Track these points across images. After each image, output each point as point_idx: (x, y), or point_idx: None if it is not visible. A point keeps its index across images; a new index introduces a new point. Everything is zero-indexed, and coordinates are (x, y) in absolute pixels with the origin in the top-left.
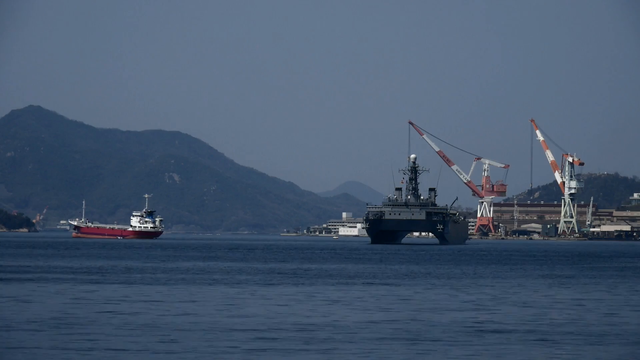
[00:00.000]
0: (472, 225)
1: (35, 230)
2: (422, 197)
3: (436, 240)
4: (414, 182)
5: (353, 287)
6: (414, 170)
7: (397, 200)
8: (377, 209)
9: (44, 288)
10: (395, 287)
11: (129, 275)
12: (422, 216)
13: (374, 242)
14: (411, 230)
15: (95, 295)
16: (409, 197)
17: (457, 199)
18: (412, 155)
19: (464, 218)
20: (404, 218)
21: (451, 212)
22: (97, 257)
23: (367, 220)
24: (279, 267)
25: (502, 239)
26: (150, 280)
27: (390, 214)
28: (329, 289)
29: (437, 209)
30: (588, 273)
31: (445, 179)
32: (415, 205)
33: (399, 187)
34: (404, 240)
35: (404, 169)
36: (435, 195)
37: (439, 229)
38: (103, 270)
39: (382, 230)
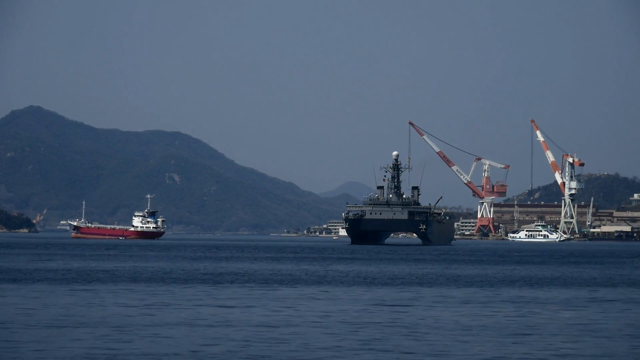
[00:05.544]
0: (472, 226)
1: (36, 231)
2: (404, 196)
3: (419, 241)
4: (396, 180)
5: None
6: (397, 168)
7: (378, 199)
8: (357, 208)
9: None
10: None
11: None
12: (404, 216)
13: (354, 243)
14: (393, 230)
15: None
16: (390, 195)
17: (441, 197)
18: (395, 152)
19: (449, 218)
20: (385, 218)
21: (435, 211)
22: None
23: (346, 220)
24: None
25: (502, 239)
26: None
27: (371, 214)
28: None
29: (420, 208)
30: None
31: (442, 179)
32: (397, 205)
33: (381, 185)
34: (387, 241)
35: (385, 166)
36: (418, 194)
37: (421, 229)
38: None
39: (363, 231)
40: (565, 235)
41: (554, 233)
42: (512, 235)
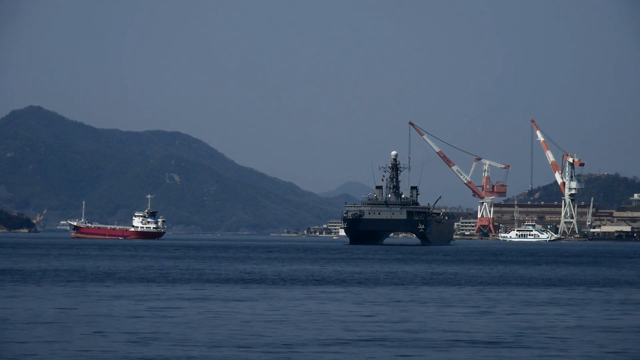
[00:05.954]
0: (473, 226)
1: (36, 231)
2: (403, 196)
3: (418, 241)
4: (394, 180)
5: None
6: (395, 168)
7: (377, 199)
8: (355, 208)
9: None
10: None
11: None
12: (402, 215)
13: (352, 243)
14: (391, 230)
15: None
16: (389, 195)
17: (440, 197)
18: (393, 152)
19: (448, 218)
20: (384, 217)
21: (434, 211)
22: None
23: (345, 220)
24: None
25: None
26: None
27: (369, 214)
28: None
29: (419, 208)
30: None
31: (442, 179)
32: (395, 204)
33: (380, 185)
34: (385, 241)
35: (384, 166)
36: (417, 194)
37: (420, 229)
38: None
39: (361, 231)
40: (555, 235)
41: (544, 233)
42: (503, 235)
